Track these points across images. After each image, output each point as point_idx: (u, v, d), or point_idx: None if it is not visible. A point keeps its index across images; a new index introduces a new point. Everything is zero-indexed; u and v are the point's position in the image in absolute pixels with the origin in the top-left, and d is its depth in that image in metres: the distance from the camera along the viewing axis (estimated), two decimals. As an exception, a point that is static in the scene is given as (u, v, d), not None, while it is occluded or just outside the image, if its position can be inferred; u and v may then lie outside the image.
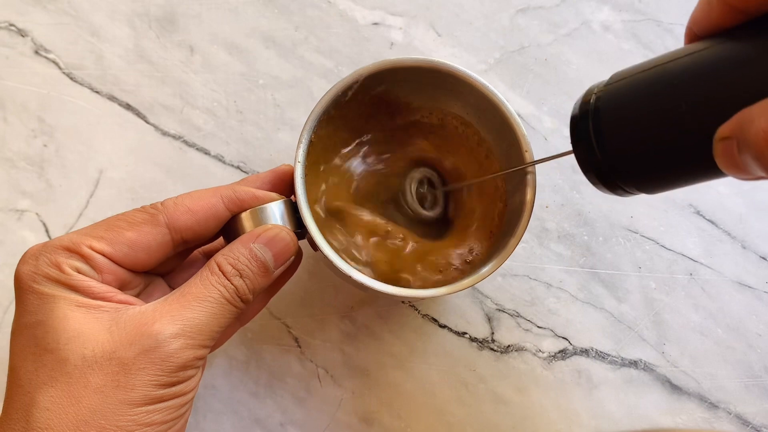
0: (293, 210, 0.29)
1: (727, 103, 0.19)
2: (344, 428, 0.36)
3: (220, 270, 0.25)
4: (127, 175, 0.38)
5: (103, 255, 0.25)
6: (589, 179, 0.25)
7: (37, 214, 0.37)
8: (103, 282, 0.25)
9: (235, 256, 0.25)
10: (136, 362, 0.22)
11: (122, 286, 0.26)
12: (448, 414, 0.36)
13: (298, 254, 0.31)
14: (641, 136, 0.22)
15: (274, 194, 0.28)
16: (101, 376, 0.22)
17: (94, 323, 0.23)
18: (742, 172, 0.18)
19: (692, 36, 0.22)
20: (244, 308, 0.26)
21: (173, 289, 0.27)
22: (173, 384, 0.23)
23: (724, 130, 0.18)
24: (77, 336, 0.23)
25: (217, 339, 0.26)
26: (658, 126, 0.21)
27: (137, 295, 0.27)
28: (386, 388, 0.36)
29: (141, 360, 0.22)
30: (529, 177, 0.30)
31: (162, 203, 0.27)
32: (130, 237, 0.25)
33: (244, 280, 0.25)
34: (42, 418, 0.22)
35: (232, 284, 0.25)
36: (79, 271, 0.24)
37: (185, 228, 0.26)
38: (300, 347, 0.36)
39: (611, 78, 0.24)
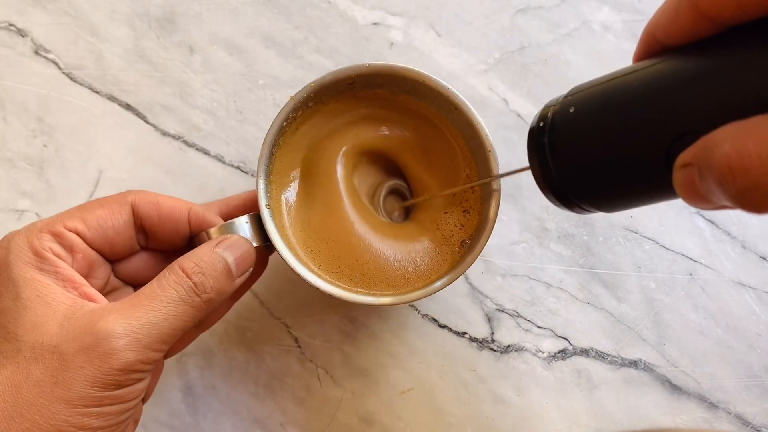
0: (259, 224, 0.30)
1: (682, 121, 0.18)
2: (344, 428, 0.36)
3: (180, 269, 0.25)
4: (127, 175, 0.38)
5: (77, 233, 0.25)
6: (545, 196, 0.24)
7: (37, 214, 0.37)
8: (74, 265, 0.25)
9: (198, 257, 0.26)
10: (75, 359, 0.22)
11: (91, 270, 0.27)
12: (448, 414, 0.36)
13: (262, 264, 0.32)
14: (595, 152, 0.21)
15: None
16: (42, 369, 0.22)
17: (50, 316, 0.23)
18: (703, 201, 0.17)
19: (652, 42, 0.20)
20: (205, 310, 0.25)
21: None
22: (114, 386, 0.23)
23: (685, 157, 0.17)
24: (34, 327, 0.23)
25: (172, 344, 0.25)
26: (611, 142, 0.20)
27: (102, 288, 0.28)
28: (386, 388, 0.36)
29: (79, 357, 0.22)
30: (494, 191, 0.30)
31: (136, 190, 0.28)
32: (100, 214, 0.26)
33: (207, 278, 0.25)
34: None
35: (191, 281, 0.25)
36: (53, 252, 0.25)
37: (146, 216, 0.27)
38: (300, 347, 0.36)
39: (570, 91, 0.23)
